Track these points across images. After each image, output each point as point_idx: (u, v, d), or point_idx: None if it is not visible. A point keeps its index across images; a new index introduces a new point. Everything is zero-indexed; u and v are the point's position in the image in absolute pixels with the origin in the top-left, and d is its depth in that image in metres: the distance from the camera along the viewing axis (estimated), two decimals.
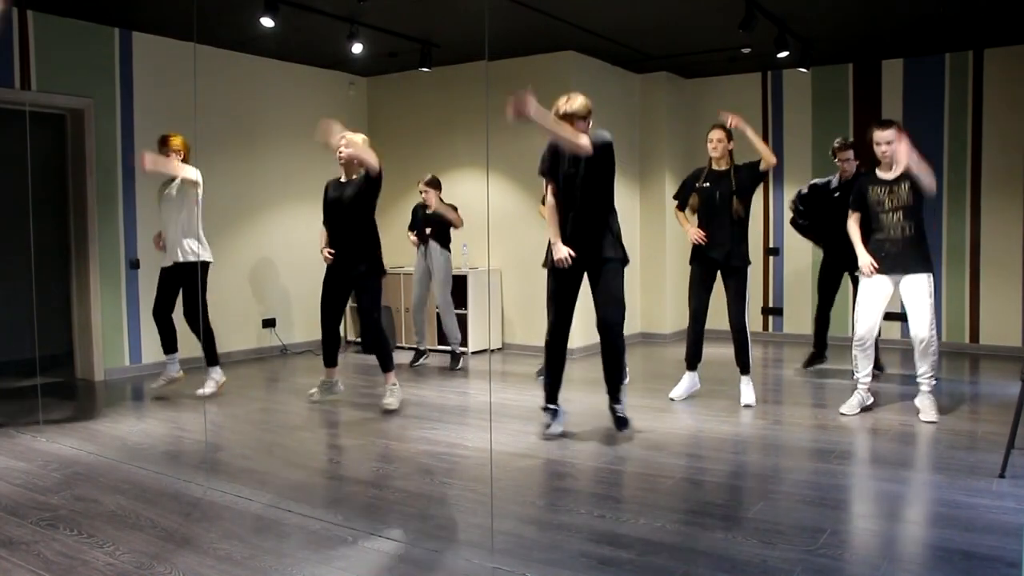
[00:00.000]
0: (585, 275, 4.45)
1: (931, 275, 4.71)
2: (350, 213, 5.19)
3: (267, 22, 5.67)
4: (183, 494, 3.65)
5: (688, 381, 5.49)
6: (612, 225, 4.41)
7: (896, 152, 4.65)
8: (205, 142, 6.93)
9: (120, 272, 6.51)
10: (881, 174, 4.82)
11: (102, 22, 6.27)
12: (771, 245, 8.30)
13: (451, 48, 7.15)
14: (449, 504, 3.47)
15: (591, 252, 4.35)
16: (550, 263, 4.44)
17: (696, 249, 5.32)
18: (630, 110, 8.27)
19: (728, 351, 5.39)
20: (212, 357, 5.64)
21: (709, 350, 7.16)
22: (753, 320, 8.29)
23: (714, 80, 8.51)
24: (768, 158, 5.18)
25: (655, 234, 8.35)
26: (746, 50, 7.13)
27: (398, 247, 8.13)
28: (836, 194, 5.97)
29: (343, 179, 5.29)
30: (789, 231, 8.20)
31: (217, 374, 5.65)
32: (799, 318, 8.12)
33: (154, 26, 6.45)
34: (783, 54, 6.59)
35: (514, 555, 2.92)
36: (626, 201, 8.15)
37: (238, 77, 7.30)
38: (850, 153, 5.89)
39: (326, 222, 5.36)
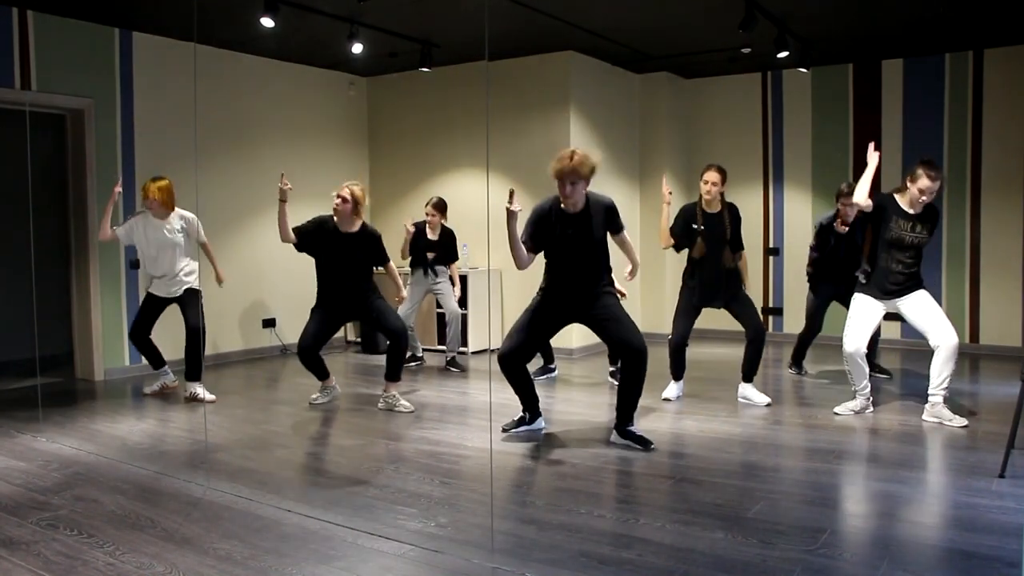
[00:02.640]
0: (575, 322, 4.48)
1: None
2: (357, 263, 5.23)
3: (267, 22, 5.67)
4: (183, 494, 3.65)
5: (676, 388, 5.52)
6: (606, 279, 4.38)
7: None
8: (205, 142, 6.94)
9: (120, 272, 6.52)
10: (903, 204, 4.73)
11: (102, 22, 6.27)
12: (771, 245, 8.30)
13: (451, 48, 7.15)
14: (449, 504, 3.47)
15: (586, 304, 4.32)
16: (540, 291, 4.46)
17: (692, 288, 5.26)
18: (630, 110, 8.27)
19: (725, 351, 5.39)
20: (198, 371, 5.60)
21: (708, 350, 7.18)
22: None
23: (714, 80, 8.51)
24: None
25: (655, 234, 8.34)
26: (746, 50, 7.13)
27: (398, 247, 8.14)
28: (831, 241, 5.86)
29: (341, 227, 5.21)
30: (789, 231, 8.22)
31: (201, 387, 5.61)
32: (799, 318, 8.10)
33: (154, 26, 6.45)
34: (783, 54, 6.59)
35: (514, 555, 2.92)
36: (626, 201, 8.16)
37: (238, 77, 7.30)
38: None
39: (324, 261, 5.27)
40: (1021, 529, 3.02)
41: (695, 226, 5.21)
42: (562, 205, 4.26)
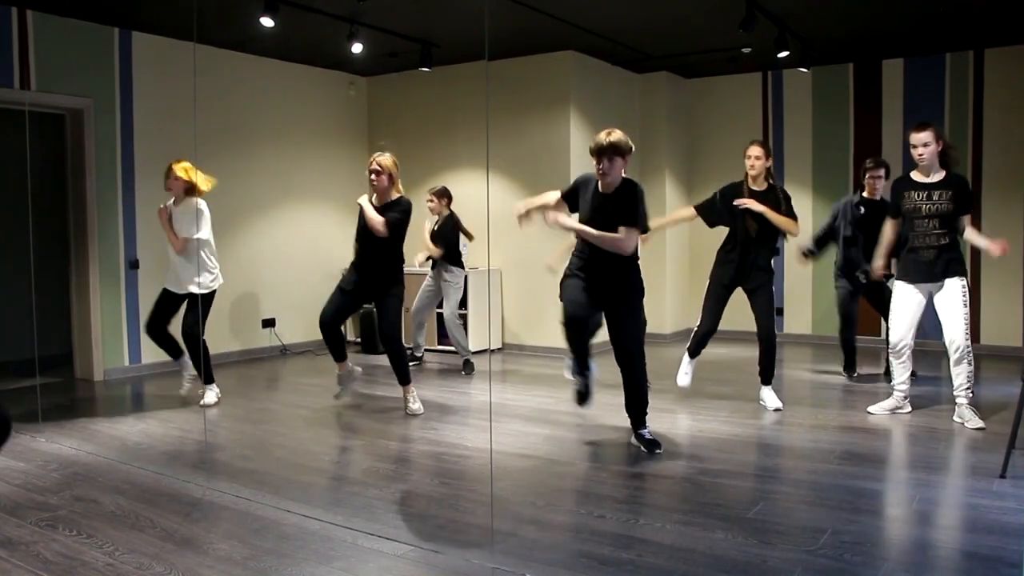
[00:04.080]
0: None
1: (965, 279, 4.57)
2: (383, 238, 5.07)
3: (267, 22, 5.66)
4: (183, 494, 3.65)
5: (691, 367, 5.35)
6: (634, 266, 4.26)
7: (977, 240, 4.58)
8: (205, 142, 6.93)
9: (120, 272, 6.51)
10: (917, 177, 4.62)
11: (102, 22, 6.27)
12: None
13: (451, 48, 7.14)
14: (449, 504, 3.47)
15: (610, 293, 4.20)
16: (568, 268, 4.33)
17: (725, 270, 5.07)
18: (630, 110, 8.27)
19: (728, 352, 5.38)
20: (209, 374, 5.56)
21: (710, 350, 7.15)
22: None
23: (714, 80, 8.51)
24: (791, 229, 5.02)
25: (656, 234, 8.31)
26: (746, 50, 7.13)
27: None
28: (862, 210, 5.71)
29: (377, 201, 5.15)
30: None
31: (215, 389, 5.56)
32: (799, 318, 8.12)
33: (154, 26, 6.44)
34: (783, 54, 6.59)
35: (514, 555, 2.92)
36: None
37: (238, 77, 7.30)
38: (882, 171, 5.69)
39: (358, 234, 5.21)
40: (1022, 530, 3.02)
41: (737, 205, 4.96)
42: (598, 184, 4.18)
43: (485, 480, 3.74)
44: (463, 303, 7.46)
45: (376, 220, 4.96)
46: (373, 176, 5.07)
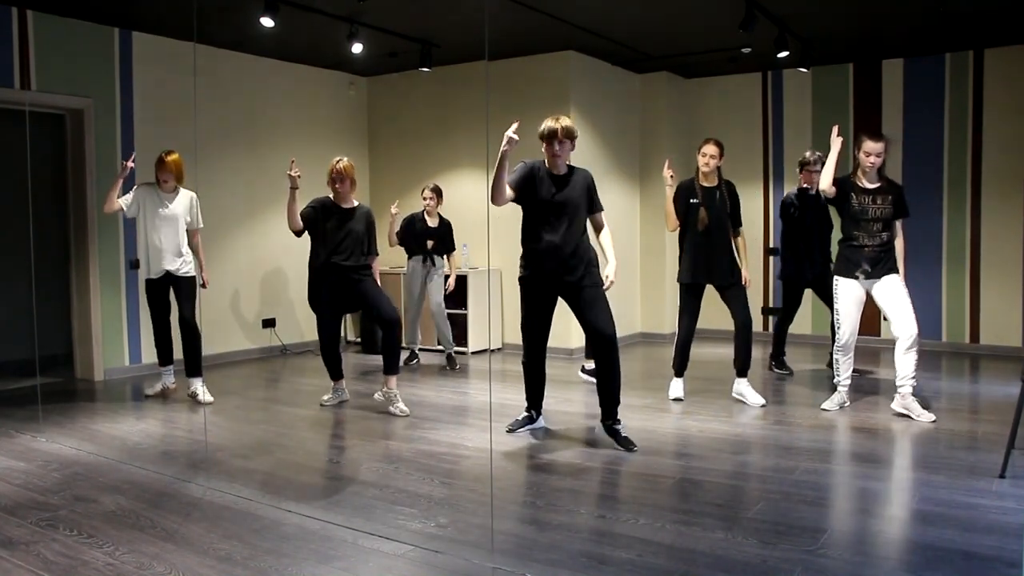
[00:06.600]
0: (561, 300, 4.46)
1: (899, 276, 4.88)
2: (354, 237, 5.22)
3: (267, 22, 5.66)
4: (183, 494, 3.65)
5: (680, 385, 5.48)
6: (587, 252, 4.38)
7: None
8: (205, 142, 6.93)
9: (120, 272, 6.51)
10: (862, 183, 4.90)
11: (102, 22, 6.27)
12: (771, 245, 8.30)
13: (451, 48, 7.15)
14: (449, 504, 3.47)
15: (566, 277, 4.31)
16: (525, 275, 4.44)
17: (691, 271, 5.24)
18: (630, 110, 8.27)
19: (725, 351, 5.39)
20: (198, 367, 5.59)
21: (709, 350, 7.17)
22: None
23: (714, 80, 8.51)
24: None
25: (655, 234, 8.35)
26: (746, 50, 7.13)
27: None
28: (792, 211, 6.02)
29: (341, 204, 5.27)
30: None
31: (200, 383, 5.58)
32: (798, 318, 8.09)
33: (154, 26, 6.45)
34: (783, 54, 6.59)
35: (514, 555, 2.92)
36: (626, 200, 8.16)
37: (238, 77, 7.30)
38: (819, 167, 5.91)
39: (319, 237, 5.25)
40: (1022, 530, 3.02)
41: (693, 200, 5.21)
42: (547, 166, 4.40)
43: (485, 480, 3.75)
44: (463, 302, 7.48)
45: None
46: (338, 182, 5.21)
